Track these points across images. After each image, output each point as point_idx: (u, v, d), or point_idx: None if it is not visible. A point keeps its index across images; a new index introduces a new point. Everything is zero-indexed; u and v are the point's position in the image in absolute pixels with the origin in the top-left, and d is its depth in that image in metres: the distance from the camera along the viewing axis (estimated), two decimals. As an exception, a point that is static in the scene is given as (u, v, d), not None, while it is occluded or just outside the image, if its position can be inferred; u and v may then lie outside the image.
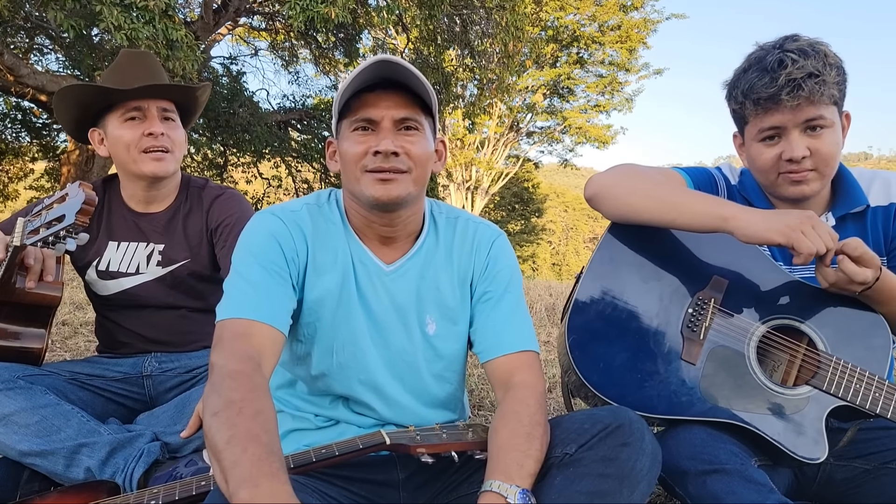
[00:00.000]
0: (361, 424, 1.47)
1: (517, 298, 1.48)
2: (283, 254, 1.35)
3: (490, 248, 1.49)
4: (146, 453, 1.73)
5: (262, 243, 1.36)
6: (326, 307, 1.41)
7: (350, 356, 1.42)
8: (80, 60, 9.31)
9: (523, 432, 1.24)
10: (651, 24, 22.17)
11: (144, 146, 1.94)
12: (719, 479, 1.36)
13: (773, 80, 1.49)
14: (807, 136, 1.53)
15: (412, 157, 1.32)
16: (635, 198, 1.60)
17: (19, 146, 14.42)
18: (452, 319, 1.48)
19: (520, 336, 1.43)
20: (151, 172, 1.95)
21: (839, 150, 1.55)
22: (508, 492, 1.13)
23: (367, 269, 1.43)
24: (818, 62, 1.47)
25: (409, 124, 1.32)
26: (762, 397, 1.48)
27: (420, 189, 1.37)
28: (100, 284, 2.05)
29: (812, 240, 1.38)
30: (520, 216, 32.53)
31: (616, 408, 1.30)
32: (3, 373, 1.77)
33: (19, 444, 1.69)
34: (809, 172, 1.55)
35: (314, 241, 1.40)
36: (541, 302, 5.15)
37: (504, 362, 1.40)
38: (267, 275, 1.32)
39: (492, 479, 1.16)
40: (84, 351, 3.25)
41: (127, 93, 1.90)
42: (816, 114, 1.50)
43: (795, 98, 1.48)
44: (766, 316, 1.56)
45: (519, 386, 1.35)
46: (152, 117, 1.95)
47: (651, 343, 1.55)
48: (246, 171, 15.53)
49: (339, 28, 10.60)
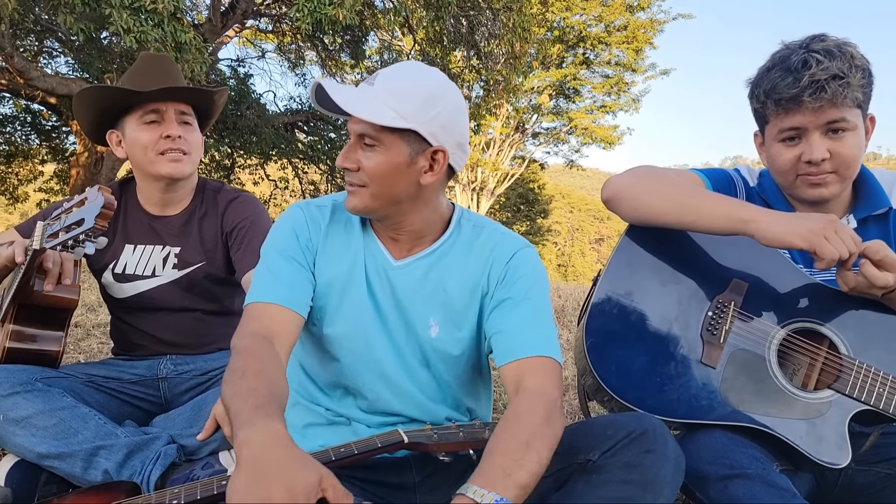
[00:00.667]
0: (370, 423, 1.48)
1: (539, 306, 1.42)
2: (297, 241, 1.44)
3: (510, 259, 1.45)
4: (163, 456, 1.74)
5: (281, 233, 1.45)
6: (334, 291, 1.45)
7: (358, 341, 1.45)
8: (90, 63, 9.35)
9: (522, 439, 1.15)
10: (658, 24, 22.10)
11: (162, 148, 1.94)
12: (741, 483, 1.35)
13: (797, 81, 1.47)
14: (827, 139, 1.51)
15: (366, 172, 1.33)
16: (654, 200, 1.59)
17: (29, 148, 14.52)
18: (457, 324, 1.46)
19: (538, 341, 1.36)
20: (168, 174, 1.96)
21: (860, 153, 1.53)
22: (484, 498, 1.03)
23: (376, 261, 1.46)
24: (844, 63, 1.45)
25: (366, 141, 1.32)
26: (784, 401, 1.47)
27: (383, 202, 1.36)
28: (116, 287, 2.06)
29: (835, 245, 1.37)
30: (525, 217, 32.52)
31: (639, 414, 1.29)
32: (22, 375, 1.77)
33: (37, 447, 1.69)
34: (829, 175, 1.54)
35: (329, 229, 1.47)
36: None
37: (518, 366, 1.33)
38: (284, 261, 1.41)
39: (472, 483, 1.07)
40: (97, 353, 3.26)
41: (145, 95, 1.91)
42: (839, 116, 1.48)
43: (818, 100, 1.46)
44: (787, 319, 1.55)
45: (530, 390, 1.27)
46: (170, 120, 1.96)
47: (670, 346, 1.54)
48: (253, 173, 15.60)
49: (345, 30, 10.61)
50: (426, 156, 1.34)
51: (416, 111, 1.29)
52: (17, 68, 8.74)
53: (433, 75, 1.36)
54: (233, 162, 14.79)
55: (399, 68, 1.36)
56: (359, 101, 1.30)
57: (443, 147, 1.34)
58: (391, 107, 1.28)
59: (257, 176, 15.67)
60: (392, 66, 1.37)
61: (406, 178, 1.34)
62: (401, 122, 1.28)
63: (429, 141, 1.32)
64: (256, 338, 1.27)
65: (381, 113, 1.27)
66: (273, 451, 0.98)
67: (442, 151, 1.34)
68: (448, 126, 1.34)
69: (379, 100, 1.29)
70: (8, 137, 14.07)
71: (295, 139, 13.98)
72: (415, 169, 1.34)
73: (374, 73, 1.35)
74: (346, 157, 1.34)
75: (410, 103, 1.29)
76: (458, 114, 1.37)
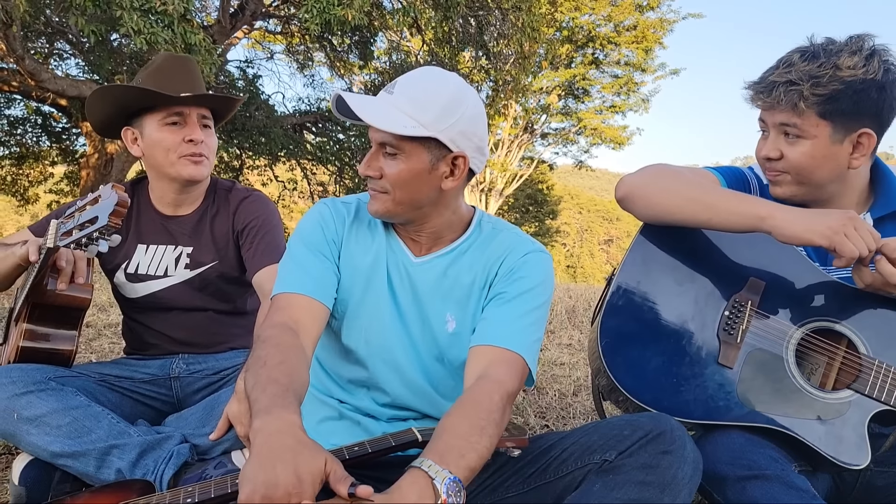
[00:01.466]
0: (383, 416, 1.49)
1: (530, 308, 1.41)
2: (323, 235, 1.47)
3: (520, 258, 1.46)
4: (176, 455, 1.73)
5: (308, 227, 1.48)
6: (357, 285, 1.47)
7: (375, 334, 1.47)
8: (100, 65, 9.42)
9: (477, 424, 1.16)
10: (667, 23, 22.01)
11: (184, 151, 1.95)
12: (760, 485, 1.33)
13: (763, 78, 1.50)
14: (783, 140, 1.52)
15: (388, 180, 1.36)
16: (668, 198, 1.58)
17: (39, 150, 14.62)
18: (473, 319, 1.47)
19: (516, 337, 1.35)
20: (189, 176, 1.97)
21: (819, 163, 1.50)
22: (438, 474, 1.05)
23: (397, 258, 1.49)
24: (820, 70, 1.42)
25: (388, 150, 1.34)
26: (802, 402, 1.45)
27: (406, 207, 1.39)
28: (128, 287, 2.06)
29: (855, 242, 1.35)
30: (534, 218, 32.47)
31: (656, 414, 1.28)
32: (35, 374, 1.77)
33: (51, 445, 1.69)
34: (781, 174, 1.55)
35: (353, 226, 1.50)
36: (561, 304, 5.13)
37: (487, 351, 1.34)
38: (309, 253, 1.44)
39: (427, 457, 1.08)
40: (108, 353, 3.27)
41: (176, 99, 1.92)
42: (789, 121, 1.48)
43: (760, 99, 1.50)
44: (805, 318, 1.53)
45: (491, 378, 1.27)
46: (193, 123, 1.96)
47: (686, 346, 1.53)
48: (262, 174, 15.64)
49: (354, 31, 10.63)
50: (447, 161, 1.36)
51: (435, 119, 1.31)
52: (28, 70, 8.80)
53: (452, 81, 1.37)
54: (241, 163, 14.84)
55: (417, 75, 1.37)
56: (379, 112, 1.32)
57: (463, 153, 1.36)
58: (411, 116, 1.30)
59: (266, 177, 15.72)
60: (410, 72, 1.39)
61: (428, 184, 1.37)
62: (421, 130, 1.30)
63: (449, 147, 1.34)
64: (282, 328, 1.29)
65: (402, 123, 1.29)
66: (283, 438, 1.01)
67: (462, 157, 1.36)
68: (467, 132, 1.35)
69: (399, 109, 1.31)
70: (19, 139, 14.19)
71: (303, 140, 14.03)
72: (436, 175, 1.36)
73: (393, 81, 1.37)
74: (369, 166, 1.37)
75: (430, 112, 1.30)
76: (477, 119, 1.38)
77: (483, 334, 1.38)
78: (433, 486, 1.05)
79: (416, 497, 1.04)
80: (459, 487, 1.06)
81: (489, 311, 1.43)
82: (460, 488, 1.06)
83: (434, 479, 1.05)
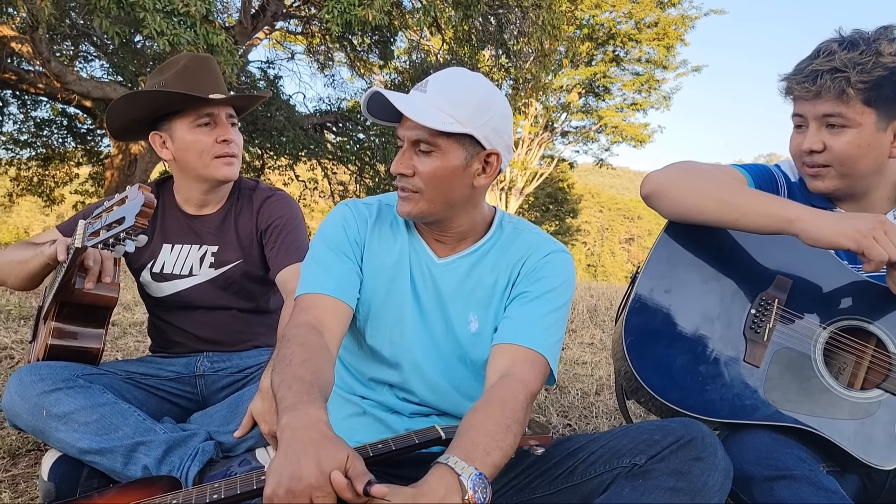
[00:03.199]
0: (405, 411, 1.50)
1: (553, 308, 1.43)
2: (346, 236, 1.47)
3: (543, 258, 1.47)
4: (201, 452, 1.75)
5: (330, 228, 1.49)
6: (381, 285, 1.48)
7: (399, 334, 1.48)
8: (124, 67, 9.54)
9: (503, 423, 1.18)
10: (689, 20, 21.78)
11: (218, 152, 1.97)
12: (787, 485, 1.31)
13: (803, 68, 1.48)
14: (826, 131, 1.50)
15: (422, 178, 1.36)
16: (695, 197, 1.56)
17: (65, 151, 14.82)
18: (496, 319, 1.48)
19: (539, 337, 1.37)
20: (224, 177, 2.00)
21: (864, 152, 1.48)
22: (465, 471, 1.07)
23: (420, 259, 1.50)
24: (862, 57, 1.41)
25: (422, 147, 1.35)
26: (830, 401, 1.43)
27: (438, 206, 1.39)
28: (154, 286, 2.08)
29: (885, 246, 1.33)
30: (554, 217, 32.36)
31: (688, 420, 1.26)
32: (63, 372, 1.80)
33: (79, 442, 1.71)
34: (824, 168, 1.53)
35: (375, 227, 1.51)
36: (582, 303, 5.10)
37: (511, 349, 1.36)
38: (332, 254, 1.45)
39: (453, 453, 1.10)
40: (133, 351, 3.31)
41: (206, 100, 1.94)
42: (833, 110, 1.46)
43: (805, 90, 1.47)
44: (833, 317, 1.51)
45: (515, 377, 1.29)
46: (223, 123, 1.99)
47: (712, 345, 1.51)
48: (283, 174, 15.72)
49: (374, 30, 10.65)
50: (480, 159, 1.39)
51: (470, 116, 1.33)
52: (54, 72, 8.93)
53: (482, 81, 1.40)
54: (263, 163, 14.93)
55: (449, 75, 1.39)
56: (417, 109, 1.32)
57: (496, 150, 1.39)
58: (448, 113, 1.32)
59: (287, 177, 15.80)
60: (440, 73, 1.40)
61: (461, 181, 1.38)
62: (458, 127, 1.32)
63: (483, 144, 1.36)
64: (307, 327, 1.31)
65: (440, 119, 1.31)
66: (309, 432, 1.03)
67: (496, 154, 1.39)
68: (499, 129, 1.38)
69: (435, 106, 1.33)
70: (45, 141, 14.40)
71: (324, 140, 14.08)
72: (469, 172, 1.38)
73: (424, 81, 1.39)
74: (402, 164, 1.37)
75: (465, 109, 1.33)
76: (507, 118, 1.41)
77: (506, 333, 1.40)
78: (459, 482, 1.06)
79: (443, 492, 1.05)
80: (485, 484, 1.08)
81: (512, 311, 1.44)
82: (486, 484, 1.08)
83: (461, 476, 1.06)
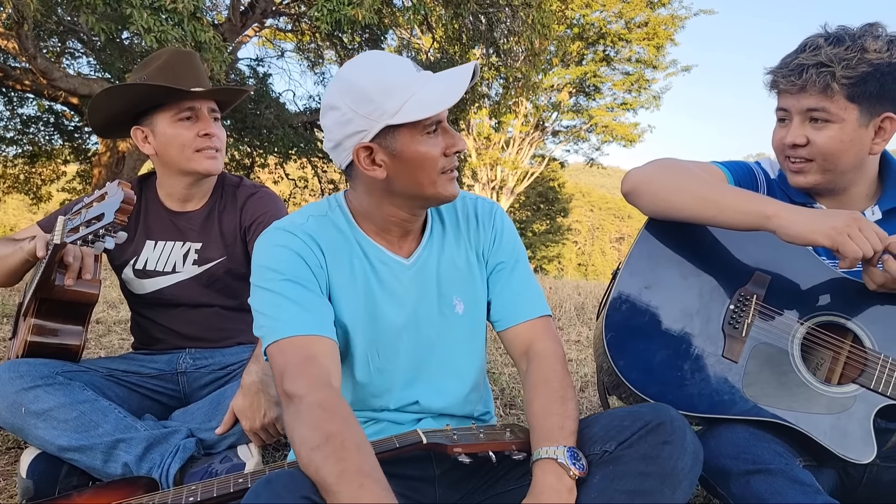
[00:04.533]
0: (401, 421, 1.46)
1: (526, 266, 1.55)
2: (308, 268, 1.34)
3: (494, 220, 1.53)
4: (182, 449, 1.74)
5: (285, 260, 1.34)
6: (358, 314, 1.40)
7: (386, 360, 1.42)
8: (111, 63, 9.48)
9: (557, 397, 1.30)
10: (679, 20, 21.84)
11: (199, 146, 1.97)
12: (764, 479, 1.33)
13: (789, 62, 1.50)
14: (809, 126, 1.51)
15: None
16: (674, 194, 1.57)
17: (52, 149, 14.71)
18: (475, 295, 1.49)
19: (536, 303, 1.49)
20: (206, 170, 1.99)
21: (846, 147, 1.50)
22: (556, 452, 1.19)
23: (390, 268, 1.43)
24: (847, 53, 1.43)
25: None
26: (807, 396, 1.44)
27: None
28: (136, 283, 2.07)
29: (859, 243, 1.34)
30: (545, 216, 32.38)
31: (656, 405, 1.28)
32: (43, 369, 1.79)
33: (58, 440, 1.71)
34: (807, 163, 1.54)
35: (328, 249, 1.39)
36: (570, 301, 5.11)
37: (524, 330, 1.47)
38: (305, 290, 1.32)
39: (539, 447, 1.22)
40: (118, 348, 3.29)
41: (186, 93, 1.93)
42: (817, 105, 1.47)
43: (790, 84, 1.48)
44: (810, 312, 1.52)
45: (543, 354, 1.41)
46: (205, 117, 1.98)
47: (691, 340, 1.52)
48: (273, 172, 15.67)
49: (364, 29, 10.63)
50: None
51: None
52: (40, 69, 8.87)
53: None
54: (252, 161, 14.88)
55: None
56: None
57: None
58: None
59: (277, 175, 15.75)
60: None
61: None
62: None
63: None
64: (328, 389, 1.20)
65: None
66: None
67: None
68: None
69: None
70: (31, 138, 14.29)
71: (314, 138, 14.02)
72: None
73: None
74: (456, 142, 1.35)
75: None
76: None
77: (510, 314, 1.49)
78: (559, 464, 1.18)
79: (554, 481, 1.17)
80: (578, 454, 1.22)
81: (500, 286, 1.50)
82: (577, 453, 1.22)
83: (557, 459, 1.19)
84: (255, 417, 1.76)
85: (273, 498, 1.07)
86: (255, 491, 1.10)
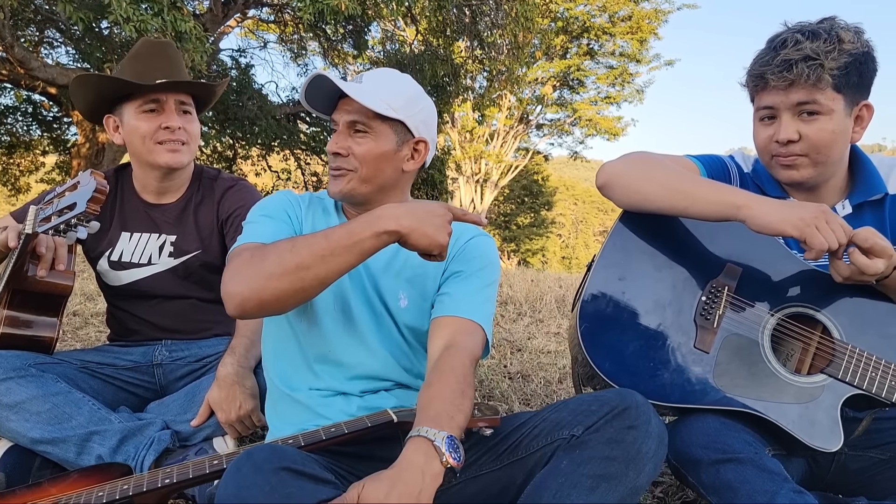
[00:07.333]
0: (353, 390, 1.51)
1: (487, 284, 1.54)
2: (286, 212, 1.55)
3: (468, 240, 1.57)
4: (157, 441, 1.74)
5: (270, 206, 1.56)
6: None
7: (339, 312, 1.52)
8: (90, 53, 9.33)
9: (458, 389, 1.29)
10: (662, 14, 21.94)
11: (161, 138, 1.95)
12: (733, 467, 1.35)
13: (771, 60, 1.49)
14: (799, 120, 1.52)
15: (356, 157, 1.46)
16: (647, 186, 1.58)
17: (30, 139, 14.51)
18: (424, 297, 1.54)
19: (476, 310, 1.49)
20: (166, 164, 1.96)
21: (836, 138, 1.52)
22: (436, 436, 1.17)
23: None
24: (826, 45, 1.45)
25: (358, 127, 1.46)
26: (776, 386, 1.46)
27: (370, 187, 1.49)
28: (111, 275, 2.06)
29: (825, 235, 1.36)
30: (529, 209, 32.46)
31: (623, 390, 1.30)
32: (15, 361, 1.77)
33: (31, 432, 1.70)
34: (799, 158, 1.55)
35: (308, 214, 1.58)
36: (551, 293, 5.13)
37: (451, 322, 1.46)
38: (277, 220, 1.51)
39: (420, 425, 1.20)
40: (95, 341, 3.26)
41: (145, 88, 1.91)
42: (809, 98, 1.48)
43: (783, 79, 1.48)
44: (780, 304, 1.54)
45: (460, 346, 1.41)
46: (170, 110, 1.95)
47: (664, 331, 1.54)
48: (255, 164, 15.56)
49: (348, 20, 10.56)
50: (410, 146, 1.51)
51: (403, 105, 1.47)
52: (18, 58, 8.73)
53: (412, 80, 1.55)
54: (234, 153, 14.77)
55: (382, 72, 1.53)
56: (358, 91, 1.43)
57: (424, 138, 1.52)
58: (383, 99, 1.44)
59: (259, 167, 15.65)
60: (372, 71, 1.54)
61: (392, 164, 1.50)
62: (392, 112, 1.45)
63: (412, 132, 1.50)
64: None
65: (377, 104, 1.43)
66: None
67: (424, 142, 1.53)
68: (427, 123, 1.53)
69: (371, 93, 1.44)
70: (9, 128, 14.06)
71: (297, 130, 13.94)
72: (399, 157, 1.50)
73: (359, 75, 1.51)
74: (337, 144, 1.47)
75: (399, 99, 1.47)
76: (434, 115, 1.57)
77: (446, 307, 1.49)
78: (434, 447, 1.16)
79: (422, 460, 1.14)
80: (457, 444, 1.19)
81: (449, 287, 1.53)
82: (458, 445, 1.19)
83: (434, 441, 1.16)
84: (231, 409, 1.76)
85: (254, 470, 1.11)
86: (235, 464, 1.13)
